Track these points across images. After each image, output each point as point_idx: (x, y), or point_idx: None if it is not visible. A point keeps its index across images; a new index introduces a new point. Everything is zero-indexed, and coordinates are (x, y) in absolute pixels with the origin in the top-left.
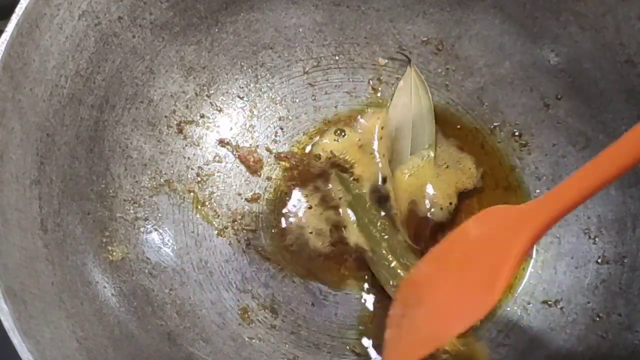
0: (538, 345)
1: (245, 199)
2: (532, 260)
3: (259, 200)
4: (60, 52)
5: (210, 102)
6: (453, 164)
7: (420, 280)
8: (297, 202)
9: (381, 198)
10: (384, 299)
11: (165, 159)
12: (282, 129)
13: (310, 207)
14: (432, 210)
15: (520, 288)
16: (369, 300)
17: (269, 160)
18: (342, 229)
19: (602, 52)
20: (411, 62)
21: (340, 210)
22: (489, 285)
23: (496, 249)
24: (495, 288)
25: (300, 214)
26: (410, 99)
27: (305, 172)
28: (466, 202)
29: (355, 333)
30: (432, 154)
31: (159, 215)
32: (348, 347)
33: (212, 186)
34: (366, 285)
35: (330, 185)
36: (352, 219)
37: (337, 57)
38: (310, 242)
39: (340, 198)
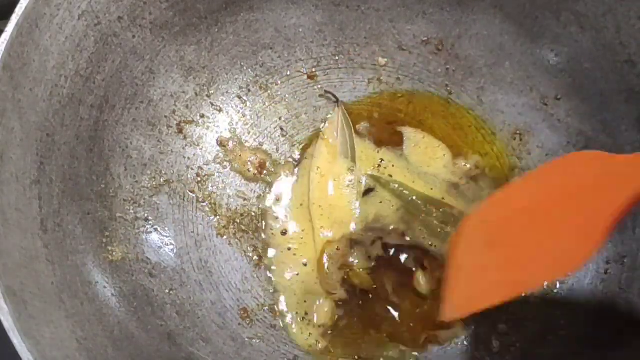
0: (539, 343)
1: (245, 199)
2: None
3: (259, 200)
4: (60, 52)
5: (210, 102)
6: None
7: (492, 221)
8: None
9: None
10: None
11: (165, 159)
12: (282, 128)
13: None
14: None
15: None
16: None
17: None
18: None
19: (602, 52)
20: (339, 101)
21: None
22: (585, 234)
23: (593, 200)
24: (591, 241)
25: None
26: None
27: None
28: None
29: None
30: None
31: (159, 215)
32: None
33: (212, 186)
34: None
35: None
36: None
37: (337, 57)
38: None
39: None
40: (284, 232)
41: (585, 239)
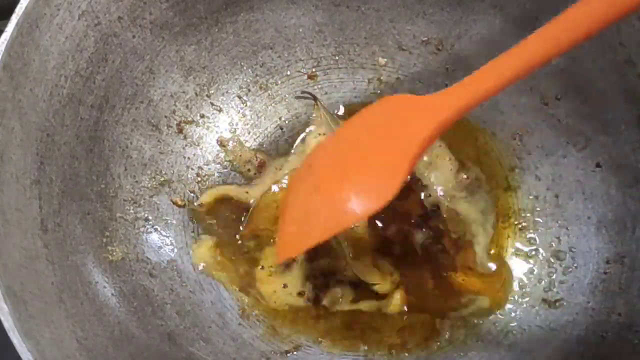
0: (538, 345)
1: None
2: (533, 260)
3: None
4: (60, 52)
5: (211, 102)
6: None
7: (316, 165)
8: None
9: None
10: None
11: (165, 159)
12: (282, 129)
13: None
14: None
15: (521, 288)
16: None
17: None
18: None
19: (602, 52)
20: (317, 100)
21: None
22: (391, 172)
23: (398, 137)
24: (397, 175)
25: None
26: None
27: None
28: None
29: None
30: None
31: (159, 215)
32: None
33: (212, 186)
34: None
35: None
36: None
37: (337, 57)
38: None
39: None
40: None
41: (392, 174)
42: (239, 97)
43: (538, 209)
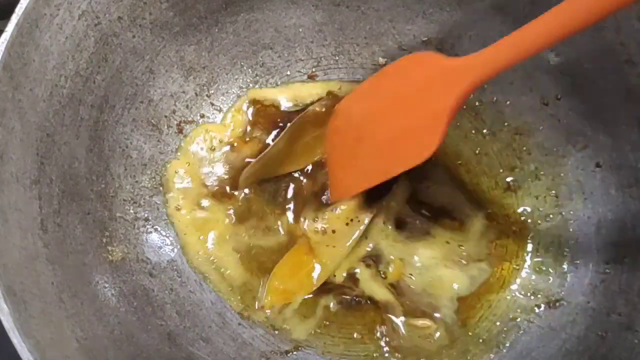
0: (538, 345)
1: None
2: (533, 260)
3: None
4: (60, 52)
5: (211, 102)
6: None
7: (356, 115)
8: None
9: None
10: None
11: (165, 159)
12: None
13: None
14: None
15: (521, 288)
16: None
17: None
18: None
19: (602, 52)
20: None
21: None
22: (427, 131)
23: (429, 97)
24: (433, 137)
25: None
26: None
27: None
28: None
29: None
30: None
31: (159, 215)
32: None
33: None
34: None
35: None
36: None
37: (337, 57)
38: None
39: None
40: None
41: (430, 130)
42: (239, 97)
43: (538, 209)
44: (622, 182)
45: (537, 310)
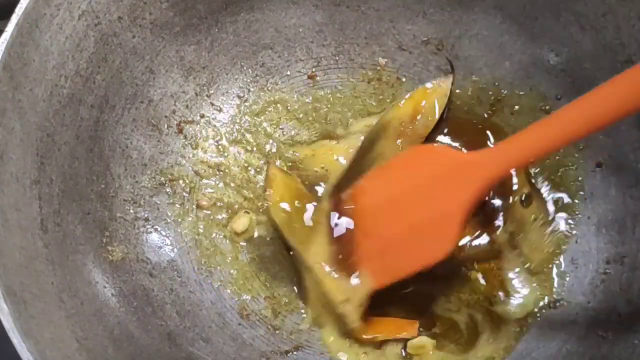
0: (538, 345)
1: (245, 198)
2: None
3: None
4: (60, 52)
5: (211, 102)
6: None
7: (380, 203)
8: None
9: None
10: None
11: (165, 159)
12: (282, 129)
13: None
14: None
15: (521, 288)
16: None
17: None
18: None
19: (602, 52)
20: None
21: None
22: (443, 230)
23: (443, 194)
24: (449, 237)
25: None
26: None
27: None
28: None
29: None
30: None
31: (159, 215)
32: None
33: (211, 186)
34: None
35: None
36: None
37: (337, 57)
38: None
39: None
40: None
41: (442, 232)
42: (239, 97)
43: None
44: (622, 182)
45: (537, 310)
